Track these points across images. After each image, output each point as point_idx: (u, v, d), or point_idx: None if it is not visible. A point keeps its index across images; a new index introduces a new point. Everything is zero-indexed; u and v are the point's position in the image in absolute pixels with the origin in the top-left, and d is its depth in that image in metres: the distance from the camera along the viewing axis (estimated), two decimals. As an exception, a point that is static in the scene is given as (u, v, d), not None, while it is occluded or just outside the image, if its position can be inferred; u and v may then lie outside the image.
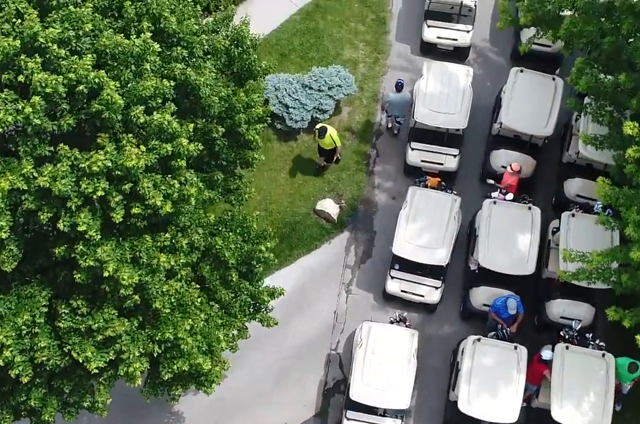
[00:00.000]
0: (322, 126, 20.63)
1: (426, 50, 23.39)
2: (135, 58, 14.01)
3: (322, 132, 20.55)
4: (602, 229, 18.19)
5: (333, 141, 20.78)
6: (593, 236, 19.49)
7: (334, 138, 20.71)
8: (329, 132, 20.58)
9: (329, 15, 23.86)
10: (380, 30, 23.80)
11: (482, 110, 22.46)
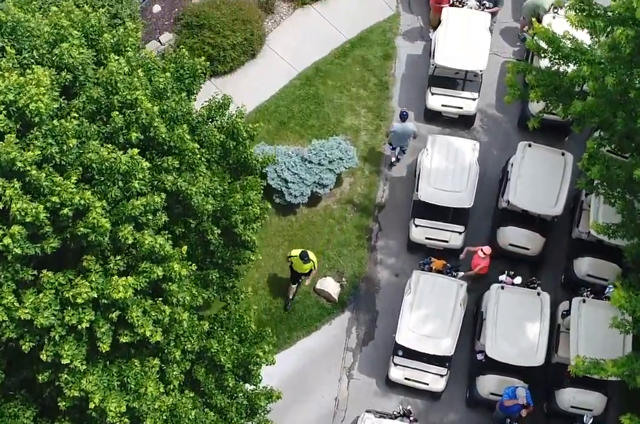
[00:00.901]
0: (303, 251, 19.34)
1: (430, 117, 22.58)
2: (123, 175, 13.20)
3: (305, 256, 19.20)
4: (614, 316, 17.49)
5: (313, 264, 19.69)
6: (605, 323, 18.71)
7: (314, 261, 19.60)
8: (311, 256, 19.41)
9: (330, 80, 23.04)
10: (382, 96, 22.97)
11: (489, 181, 21.67)
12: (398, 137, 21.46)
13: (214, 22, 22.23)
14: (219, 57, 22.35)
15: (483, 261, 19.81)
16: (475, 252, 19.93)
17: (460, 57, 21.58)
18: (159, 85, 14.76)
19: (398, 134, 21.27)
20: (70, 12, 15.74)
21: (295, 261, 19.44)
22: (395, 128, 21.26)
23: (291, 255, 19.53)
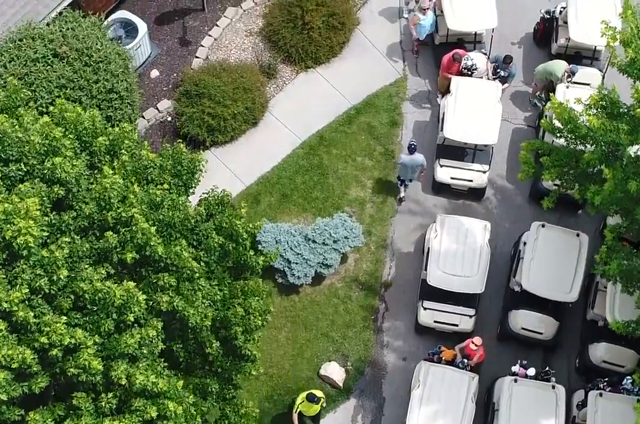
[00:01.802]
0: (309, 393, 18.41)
1: (438, 189, 21.73)
2: (117, 308, 12.37)
3: (313, 398, 18.28)
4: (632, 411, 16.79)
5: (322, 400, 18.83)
6: (622, 418, 17.97)
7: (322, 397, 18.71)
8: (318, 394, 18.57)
9: (334, 149, 22.18)
10: (389, 166, 22.12)
11: (500, 257, 20.82)
12: (406, 170, 20.93)
13: (213, 91, 21.37)
14: (219, 127, 21.50)
15: (477, 351, 18.99)
16: (466, 347, 19.09)
17: (470, 131, 20.75)
18: (156, 198, 13.94)
19: (406, 166, 20.76)
20: (64, 110, 14.96)
21: (303, 407, 18.50)
22: (403, 160, 20.70)
23: (297, 404, 18.45)
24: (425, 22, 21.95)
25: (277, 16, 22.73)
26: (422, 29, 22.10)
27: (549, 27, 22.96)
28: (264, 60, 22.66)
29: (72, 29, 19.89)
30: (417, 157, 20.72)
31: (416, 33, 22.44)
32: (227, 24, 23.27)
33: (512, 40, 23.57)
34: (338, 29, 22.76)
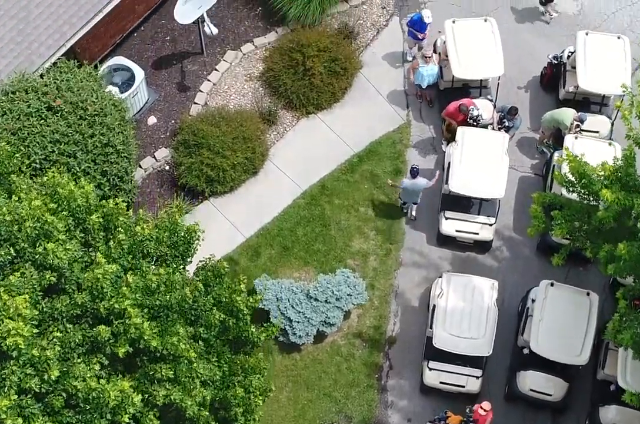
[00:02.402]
0: None
1: (443, 241, 21.14)
2: (111, 408, 11.80)
3: None
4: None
5: None
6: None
7: None
8: None
9: (336, 198, 21.59)
10: (392, 216, 21.52)
11: (506, 313, 20.22)
12: (408, 194, 20.64)
13: (212, 142, 20.78)
14: (218, 177, 20.91)
15: (485, 417, 18.40)
16: (475, 412, 18.50)
17: (476, 185, 20.16)
18: (152, 284, 13.35)
19: (408, 190, 20.50)
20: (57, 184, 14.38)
21: None
22: (405, 185, 20.37)
23: None
24: (425, 71, 21.35)
25: (278, 61, 22.14)
26: (421, 77, 21.52)
27: (557, 73, 22.39)
28: (264, 106, 22.07)
29: (66, 80, 19.31)
30: (419, 181, 20.37)
31: (413, 77, 21.89)
32: (226, 68, 22.68)
33: (518, 85, 23.00)
34: (340, 74, 22.18)
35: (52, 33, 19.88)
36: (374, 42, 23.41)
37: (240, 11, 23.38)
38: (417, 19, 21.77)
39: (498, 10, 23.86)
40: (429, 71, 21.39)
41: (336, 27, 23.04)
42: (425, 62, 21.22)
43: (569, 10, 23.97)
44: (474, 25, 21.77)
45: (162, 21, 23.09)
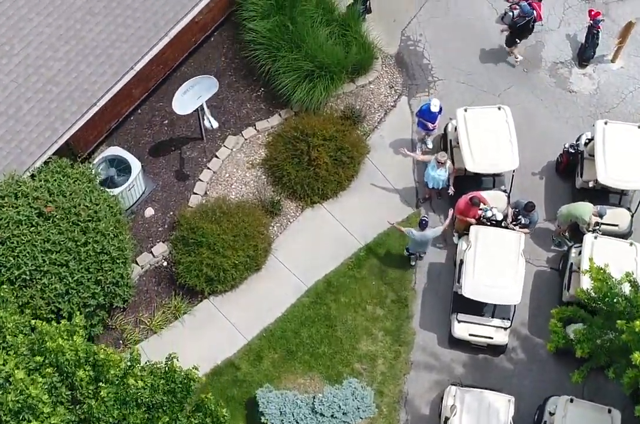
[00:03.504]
0: None
1: (455, 342, 20.11)
2: None
3: None
4: None
5: None
6: None
7: None
8: None
9: (343, 296, 20.55)
10: (401, 315, 20.49)
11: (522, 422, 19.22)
12: (417, 244, 19.95)
13: (212, 240, 19.75)
14: (219, 277, 19.88)
15: None
16: None
17: (491, 290, 19.13)
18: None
19: (416, 241, 19.79)
20: (45, 333, 13.36)
21: None
22: (414, 236, 19.61)
23: None
24: (437, 175, 20.32)
25: (282, 150, 21.12)
26: (430, 178, 20.56)
27: (573, 161, 21.36)
28: (266, 196, 21.07)
29: (58, 183, 18.31)
30: (428, 233, 19.67)
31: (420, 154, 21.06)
32: (227, 155, 21.65)
33: (533, 170, 21.97)
34: (346, 163, 21.15)
35: (44, 130, 18.88)
36: (382, 125, 22.39)
37: (242, 92, 22.35)
38: (426, 109, 20.75)
39: (511, 89, 22.87)
40: (439, 176, 20.33)
41: (342, 109, 22.03)
42: (438, 167, 20.16)
43: (585, 90, 22.96)
44: (487, 114, 20.75)
45: (159, 103, 22.08)
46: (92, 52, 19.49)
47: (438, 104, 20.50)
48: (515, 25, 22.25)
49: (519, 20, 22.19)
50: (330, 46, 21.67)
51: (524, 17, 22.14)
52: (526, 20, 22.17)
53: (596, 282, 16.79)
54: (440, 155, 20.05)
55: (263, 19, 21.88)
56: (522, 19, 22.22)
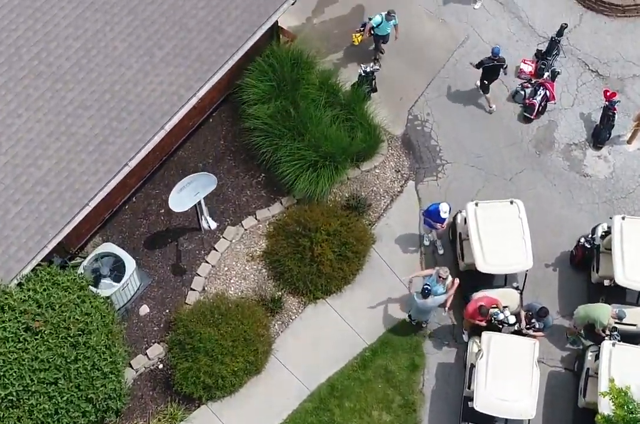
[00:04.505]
0: None
1: None
2: None
3: None
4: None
5: None
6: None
7: None
8: None
9: (347, 401, 19.57)
10: (409, 421, 19.53)
11: None
12: (418, 311, 19.26)
13: (210, 346, 18.75)
14: (217, 384, 18.90)
15: None
16: None
17: (504, 403, 18.16)
18: None
19: (419, 309, 19.11)
20: None
21: None
22: (418, 303, 18.90)
23: None
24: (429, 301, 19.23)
25: (283, 245, 20.14)
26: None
27: (589, 255, 20.40)
28: (267, 291, 20.12)
29: (47, 294, 17.32)
30: (429, 301, 18.90)
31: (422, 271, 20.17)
32: (226, 247, 20.68)
33: (546, 262, 21.01)
34: (351, 259, 20.17)
35: (33, 234, 17.86)
36: (388, 212, 21.42)
37: (242, 178, 21.38)
38: (434, 211, 19.71)
39: (522, 173, 21.91)
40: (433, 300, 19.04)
41: (346, 198, 21.06)
42: (438, 281, 19.08)
43: (600, 174, 22.01)
44: (499, 209, 19.77)
45: (155, 190, 21.13)
46: (84, 149, 18.48)
47: (448, 210, 19.51)
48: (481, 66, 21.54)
49: (485, 61, 21.46)
50: (334, 132, 20.70)
51: (493, 59, 21.40)
52: (494, 62, 21.42)
53: (618, 410, 15.87)
54: (442, 270, 18.98)
55: (264, 103, 20.90)
56: (490, 60, 21.46)
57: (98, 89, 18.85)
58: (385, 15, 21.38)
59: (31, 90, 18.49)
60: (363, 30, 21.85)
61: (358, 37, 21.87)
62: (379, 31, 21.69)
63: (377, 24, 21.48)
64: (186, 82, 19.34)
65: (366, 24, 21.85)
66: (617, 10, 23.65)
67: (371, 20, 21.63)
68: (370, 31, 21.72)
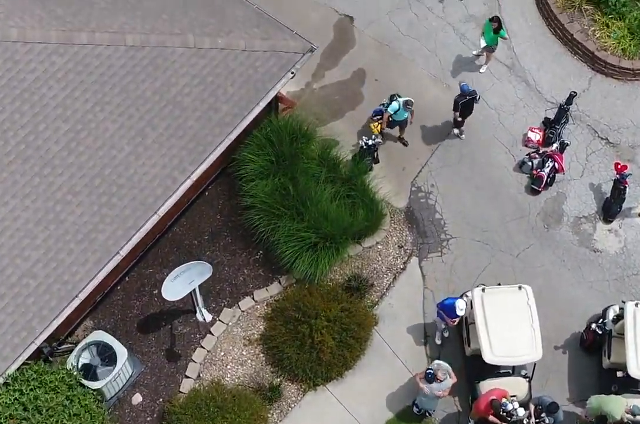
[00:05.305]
0: None
1: None
2: None
3: None
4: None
5: None
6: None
7: None
8: None
9: None
10: None
11: None
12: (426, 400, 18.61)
13: (206, 441, 18.01)
14: (213, 482, 18.15)
15: None
16: None
17: None
18: None
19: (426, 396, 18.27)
20: None
21: None
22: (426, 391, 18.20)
23: None
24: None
25: (282, 332, 19.31)
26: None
27: (600, 340, 19.60)
28: (265, 379, 19.33)
29: (34, 396, 16.56)
30: (434, 386, 18.17)
31: None
32: (222, 331, 19.88)
33: (555, 344, 20.18)
34: (353, 345, 19.36)
35: (19, 330, 17.07)
36: (391, 291, 20.61)
37: (239, 256, 20.58)
38: (449, 305, 18.76)
39: (530, 248, 21.10)
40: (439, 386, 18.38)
41: (347, 278, 20.26)
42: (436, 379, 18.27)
43: (611, 249, 21.19)
44: (507, 295, 18.95)
45: (149, 269, 20.35)
46: (73, 238, 17.69)
47: (464, 308, 18.61)
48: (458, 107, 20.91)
49: (458, 99, 20.80)
50: (335, 211, 19.89)
51: (464, 96, 20.75)
52: (466, 98, 20.78)
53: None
54: (441, 372, 18.11)
55: (262, 179, 20.11)
56: (462, 97, 20.81)
57: (88, 173, 18.06)
58: (402, 105, 20.42)
59: (18, 177, 17.70)
60: (380, 119, 20.94)
61: (377, 126, 20.96)
62: (396, 117, 20.77)
63: (394, 111, 20.56)
64: (180, 165, 18.55)
65: (383, 113, 20.85)
66: (628, 73, 22.83)
67: (388, 108, 20.61)
68: (389, 118, 20.80)
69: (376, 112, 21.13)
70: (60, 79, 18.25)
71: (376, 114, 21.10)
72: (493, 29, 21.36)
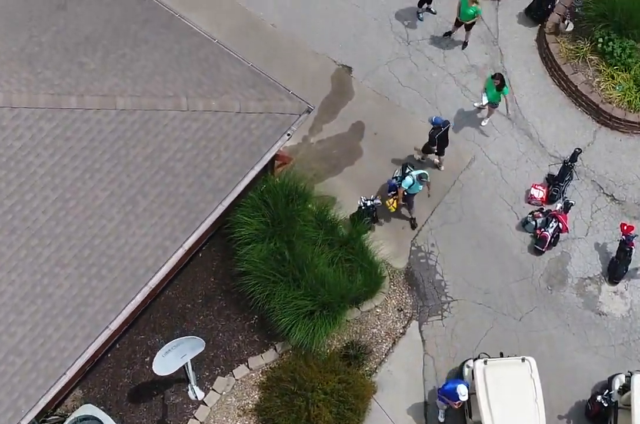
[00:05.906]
0: None
1: None
2: None
3: None
4: None
5: None
6: None
7: None
8: None
9: None
10: None
11: None
12: None
13: None
14: None
15: None
16: None
17: None
18: None
19: None
20: None
21: None
22: None
23: None
24: None
25: (277, 404, 18.70)
26: None
27: (606, 412, 18.99)
28: (261, 452, 18.75)
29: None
30: None
31: None
32: (216, 401, 19.28)
33: (559, 413, 19.61)
34: (350, 418, 18.75)
35: (4, 411, 16.43)
36: (390, 357, 20.01)
37: (233, 321, 19.97)
38: (450, 391, 18.08)
39: (534, 311, 20.50)
40: None
41: (345, 345, 19.64)
42: None
43: (617, 312, 20.60)
44: (509, 367, 18.35)
45: (140, 336, 19.76)
46: (61, 312, 17.06)
47: (466, 393, 17.94)
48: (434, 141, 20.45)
49: (434, 134, 20.34)
50: (332, 276, 19.28)
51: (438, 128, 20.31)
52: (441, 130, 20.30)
53: None
54: None
55: (257, 243, 19.50)
56: (436, 131, 20.33)
57: (77, 244, 17.43)
58: (417, 178, 19.76)
59: (4, 249, 17.08)
60: (395, 194, 20.28)
61: (393, 203, 20.29)
62: (411, 191, 20.06)
63: (408, 186, 19.85)
64: (172, 234, 17.92)
65: (397, 189, 20.12)
66: (633, 127, 22.25)
67: (402, 183, 19.85)
68: (404, 194, 20.08)
69: (390, 188, 20.34)
70: (48, 145, 17.65)
71: (390, 189, 20.32)
72: (495, 86, 20.75)
